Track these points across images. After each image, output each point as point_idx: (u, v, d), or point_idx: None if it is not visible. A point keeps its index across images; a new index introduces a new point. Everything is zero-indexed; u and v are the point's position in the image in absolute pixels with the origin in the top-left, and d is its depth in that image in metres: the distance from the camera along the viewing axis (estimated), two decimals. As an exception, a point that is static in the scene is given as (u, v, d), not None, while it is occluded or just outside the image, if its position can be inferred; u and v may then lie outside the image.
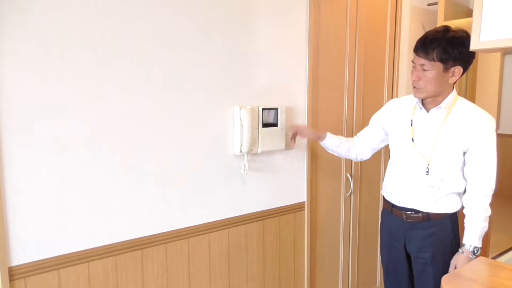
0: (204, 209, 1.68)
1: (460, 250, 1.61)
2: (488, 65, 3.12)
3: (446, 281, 1.19)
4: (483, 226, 1.59)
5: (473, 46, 1.10)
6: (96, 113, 1.36)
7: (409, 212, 1.70)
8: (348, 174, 2.29)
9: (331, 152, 1.92)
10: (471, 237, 1.59)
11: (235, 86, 1.72)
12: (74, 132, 1.32)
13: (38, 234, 1.29)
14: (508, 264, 1.36)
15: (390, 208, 1.79)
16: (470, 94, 2.95)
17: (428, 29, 2.56)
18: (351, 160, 2.30)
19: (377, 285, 2.61)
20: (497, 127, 1.84)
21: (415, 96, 1.64)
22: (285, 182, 1.95)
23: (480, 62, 2.97)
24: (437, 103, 1.63)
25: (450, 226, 1.68)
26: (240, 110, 1.70)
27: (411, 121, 1.69)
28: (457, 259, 1.60)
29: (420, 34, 2.53)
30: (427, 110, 1.66)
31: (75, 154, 1.33)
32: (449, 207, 1.66)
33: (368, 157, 1.95)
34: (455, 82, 1.61)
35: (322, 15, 2.03)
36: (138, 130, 1.46)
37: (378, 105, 2.42)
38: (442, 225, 1.67)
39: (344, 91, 2.21)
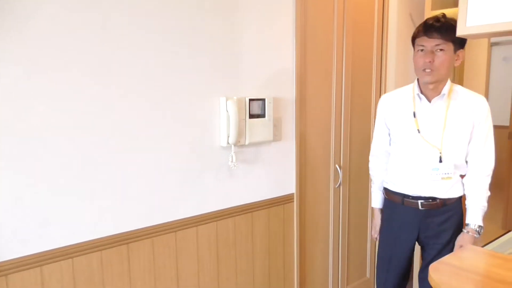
0: (191, 202, 1.66)
1: (464, 230, 1.65)
2: (476, 56, 3.14)
3: (434, 269, 1.19)
4: (485, 205, 1.64)
5: (459, 32, 1.09)
6: (80, 107, 1.33)
7: (423, 201, 1.70)
8: (337, 165, 2.28)
9: None
10: (475, 216, 1.63)
11: (221, 77, 1.69)
12: (57, 126, 1.29)
13: (20, 230, 1.25)
14: (495, 252, 1.37)
15: (401, 200, 1.77)
16: (457, 84, 2.96)
17: (415, 19, 2.57)
18: (340, 151, 2.30)
19: (367, 275, 2.62)
20: (491, 124, 1.88)
21: (424, 80, 1.62)
22: (273, 174, 1.94)
23: (467, 53, 2.98)
24: (438, 91, 1.65)
25: (461, 208, 1.73)
26: (226, 101, 1.68)
27: (414, 113, 1.69)
28: (463, 239, 1.64)
29: (408, 24, 2.54)
30: (429, 100, 1.67)
31: (57, 149, 1.30)
32: (460, 191, 1.72)
33: None
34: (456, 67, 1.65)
35: (309, 5, 2.01)
36: (122, 123, 1.43)
37: (367, 95, 2.42)
38: (456, 209, 1.72)
39: (332, 81, 2.20)
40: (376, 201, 1.93)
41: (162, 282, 1.60)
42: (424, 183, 1.69)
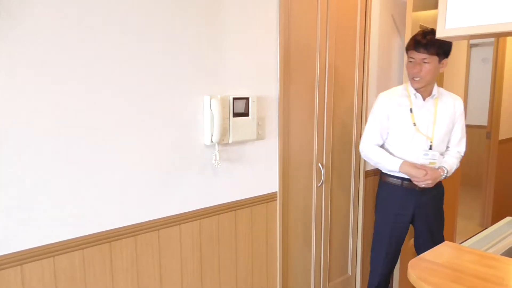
0: (174, 200, 1.65)
1: (438, 168, 2.02)
2: (455, 57, 3.20)
3: (412, 265, 1.22)
4: (454, 168, 2.09)
5: (439, 34, 1.12)
6: (61, 105, 1.31)
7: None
8: (319, 164, 2.31)
9: None
10: (449, 166, 2.05)
11: (205, 76, 1.69)
12: (37, 125, 1.27)
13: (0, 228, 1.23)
14: (471, 248, 1.41)
15: (400, 183, 2.10)
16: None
17: (397, 21, 2.61)
18: (323, 150, 2.32)
19: (349, 272, 2.66)
20: (464, 119, 2.12)
21: (414, 86, 2.02)
22: (257, 172, 1.95)
23: (447, 54, 3.03)
24: (429, 92, 2.04)
25: (442, 186, 2.15)
26: (210, 99, 1.68)
27: (411, 109, 2.04)
28: (431, 169, 1.99)
29: (390, 25, 2.58)
30: (423, 99, 2.04)
31: (38, 147, 1.28)
32: None
33: None
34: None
35: (293, 5, 2.02)
36: (104, 121, 1.42)
37: (349, 94, 2.45)
38: (441, 187, 2.14)
39: (316, 81, 2.22)
40: (395, 160, 2.06)
41: (145, 281, 1.60)
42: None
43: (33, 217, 1.29)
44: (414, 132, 2.03)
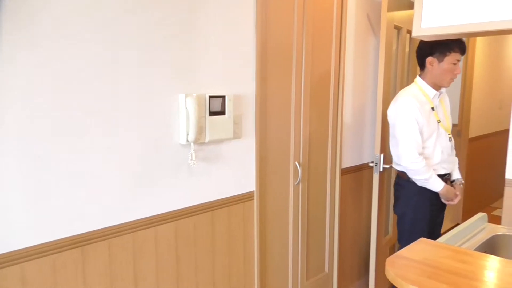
0: (149, 201, 1.61)
1: (458, 182, 2.28)
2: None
3: (390, 262, 1.23)
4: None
5: (414, 33, 1.13)
6: (30, 103, 1.25)
7: (446, 177, 2.24)
8: (296, 163, 2.31)
9: None
10: (459, 173, 2.33)
11: (181, 74, 1.66)
12: (2, 124, 1.21)
13: (-39, 234, 1.17)
14: (446, 244, 1.43)
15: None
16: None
17: (373, 20, 2.64)
18: (300, 149, 2.32)
19: (326, 270, 2.67)
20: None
21: (447, 86, 2.18)
22: (233, 172, 1.93)
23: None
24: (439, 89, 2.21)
25: None
26: (186, 98, 1.64)
27: (432, 108, 2.16)
28: (459, 188, 2.27)
29: (365, 24, 2.60)
30: (438, 97, 2.21)
31: (4, 148, 1.22)
32: None
33: None
34: None
35: (270, 3, 2.01)
36: (75, 120, 1.36)
37: (325, 93, 2.46)
38: None
39: (292, 79, 2.22)
40: (440, 181, 2.17)
41: (119, 285, 1.55)
42: (446, 162, 2.20)
43: (-2, 222, 1.23)
44: (439, 128, 2.17)
